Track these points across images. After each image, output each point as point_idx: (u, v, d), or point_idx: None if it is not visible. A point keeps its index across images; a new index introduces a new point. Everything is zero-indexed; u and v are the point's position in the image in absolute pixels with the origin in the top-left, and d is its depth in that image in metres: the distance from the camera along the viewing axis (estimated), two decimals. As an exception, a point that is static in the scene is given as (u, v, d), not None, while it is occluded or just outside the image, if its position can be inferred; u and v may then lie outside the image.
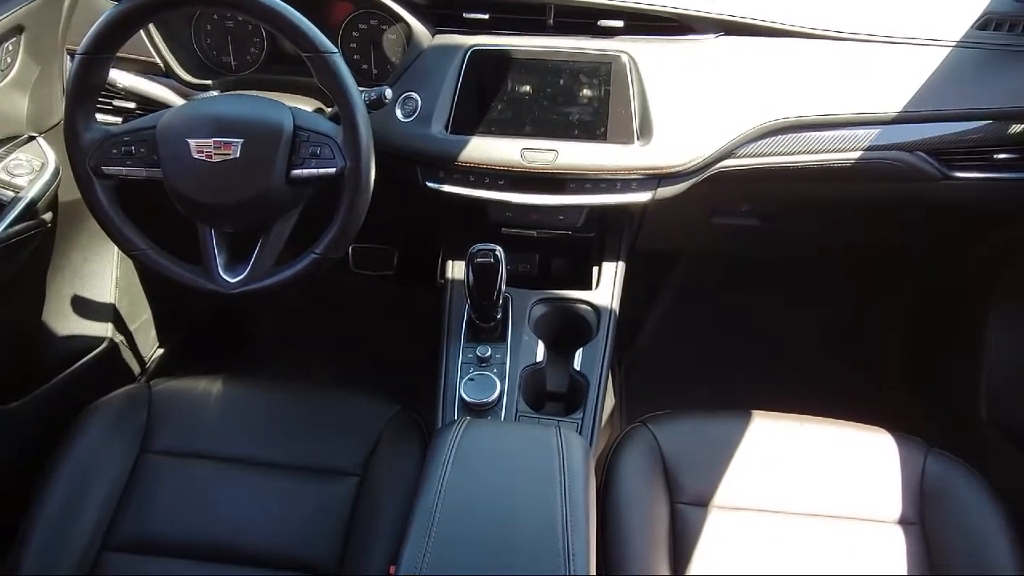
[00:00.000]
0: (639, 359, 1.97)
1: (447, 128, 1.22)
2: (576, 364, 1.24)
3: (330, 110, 1.21)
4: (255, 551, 1.09)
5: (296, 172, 1.03)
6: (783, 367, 1.88)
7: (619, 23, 1.23)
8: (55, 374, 1.39)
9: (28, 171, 1.19)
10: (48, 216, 1.23)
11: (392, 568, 0.78)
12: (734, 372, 1.88)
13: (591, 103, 1.21)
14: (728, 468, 1.14)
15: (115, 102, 1.30)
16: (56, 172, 1.22)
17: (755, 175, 1.26)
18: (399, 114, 1.23)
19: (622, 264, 1.37)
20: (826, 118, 1.21)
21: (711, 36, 1.24)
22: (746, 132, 1.20)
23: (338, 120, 1.03)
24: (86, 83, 1.01)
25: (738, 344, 2.00)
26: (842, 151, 1.23)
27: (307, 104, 1.22)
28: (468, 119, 1.22)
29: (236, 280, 1.08)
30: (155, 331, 1.73)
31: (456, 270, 1.36)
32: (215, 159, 1.01)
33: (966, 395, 1.57)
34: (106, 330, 1.53)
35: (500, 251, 1.10)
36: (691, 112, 1.20)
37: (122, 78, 1.13)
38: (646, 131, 1.20)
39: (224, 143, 1.01)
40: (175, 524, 1.11)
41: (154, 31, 1.28)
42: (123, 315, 1.58)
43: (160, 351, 1.76)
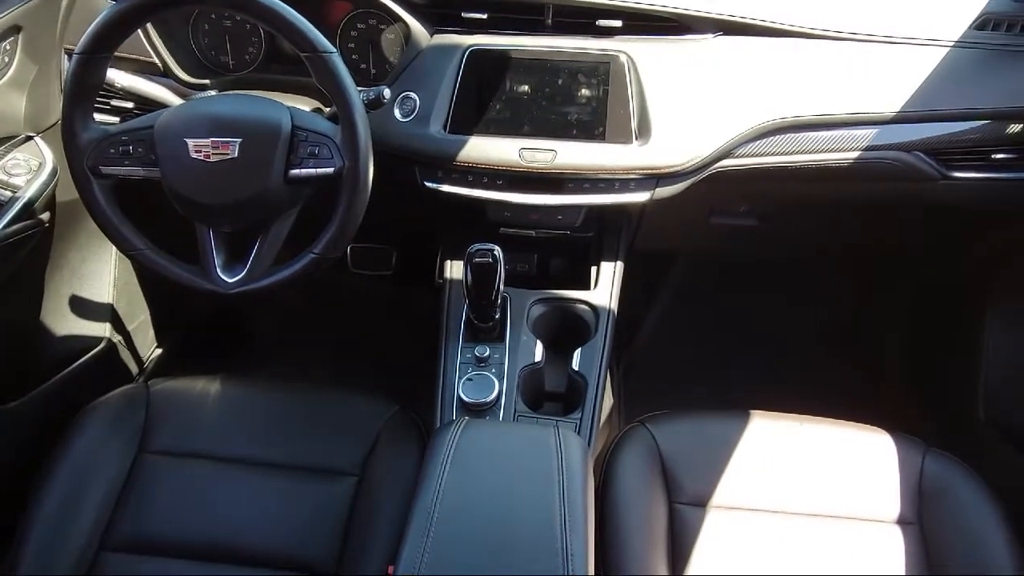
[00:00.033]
0: (637, 359, 1.97)
1: (445, 128, 1.22)
2: (574, 364, 1.24)
3: (328, 110, 1.21)
4: (253, 551, 1.09)
5: (294, 172, 1.03)
6: (781, 367, 1.88)
7: (617, 23, 1.23)
8: (53, 374, 1.39)
9: (26, 171, 1.19)
10: (46, 216, 1.23)
11: (390, 568, 0.78)
12: (732, 372, 1.88)
13: (589, 103, 1.21)
14: (726, 468, 1.14)
15: (113, 102, 1.30)
16: (54, 172, 1.22)
17: (753, 175, 1.26)
18: (397, 114, 1.23)
19: (620, 264, 1.37)
20: (824, 118, 1.21)
21: (709, 36, 1.24)
22: (744, 132, 1.20)
23: (336, 120, 1.03)
24: (84, 83, 1.01)
25: (736, 344, 2.00)
26: (840, 151, 1.23)
27: (305, 104, 1.22)
28: (466, 119, 1.22)
29: (234, 280, 1.07)
30: (153, 331, 1.73)
31: (454, 270, 1.36)
32: (213, 159, 1.01)
33: (964, 395, 1.57)
34: (104, 330, 1.53)
35: (498, 251, 1.10)
36: (689, 112, 1.20)
37: (120, 78, 1.13)
38: (644, 131, 1.20)
39: (222, 143, 1.01)
40: (173, 524, 1.11)
41: (152, 31, 1.27)
42: (121, 315, 1.58)
43: (158, 351, 1.75)
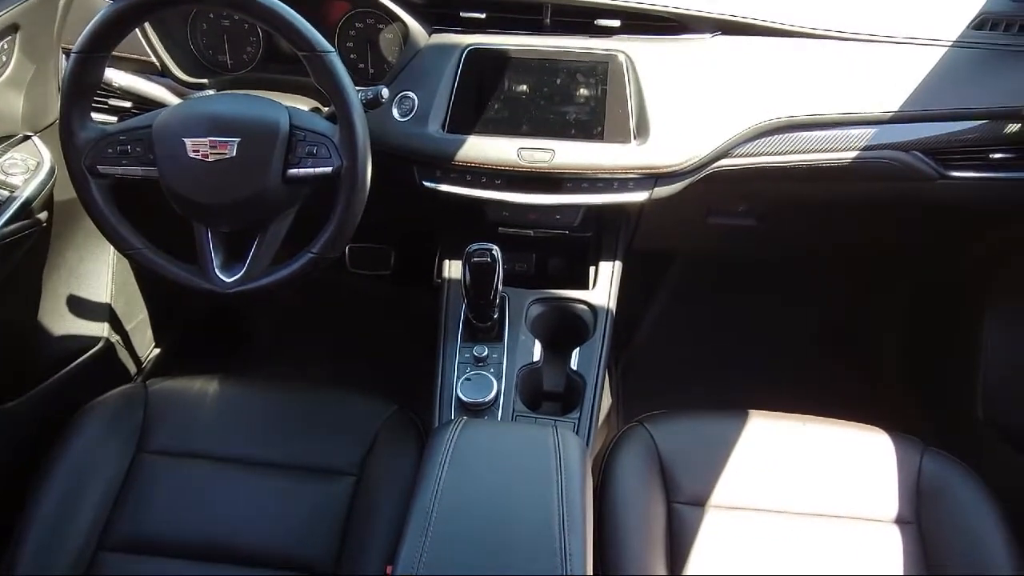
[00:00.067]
0: (636, 359, 1.97)
1: (444, 127, 1.22)
2: (573, 364, 1.24)
3: (327, 109, 1.21)
4: (251, 551, 1.09)
5: (292, 171, 1.03)
6: (779, 367, 1.88)
7: (616, 22, 1.23)
8: (51, 374, 1.39)
9: (23, 170, 1.19)
10: (44, 215, 1.23)
11: (389, 568, 0.78)
12: (730, 372, 1.88)
13: (588, 102, 1.21)
14: (724, 468, 1.14)
15: (111, 101, 1.30)
16: (51, 171, 1.22)
17: (751, 175, 1.26)
18: (396, 113, 1.23)
19: (619, 264, 1.37)
20: (822, 118, 1.21)
21: (708, 35, 1.24)
22: (743, 132, 1.20)
23: (335, 119, 1.03)
24: (82, 82, 1.01)
25: (734, 344, 2.01)
26: (839, 151, 1.23)
27: (304, 103, 1.22)
28: (465, 118, 1.22)
29: (232, 280, 1.07)
30: (151, 331, 1.73)
31: (453, 270, 1.36)
32: (211, 158, 1.01)
33: (962, 395, 1.58)
34: (102, 330, 1.53)
35: (497, 251, 1.10)
36: (688, 112, 1.20)
37: (118, 77, 1.13)
38: (643, 130, 1.20)
39: (220, 142, 1.01)
40: (171, 524, 1.11)
41: (150, 30, 1.27)
42: (119, 315, 1.57)
43: (156, 351, 1.75)
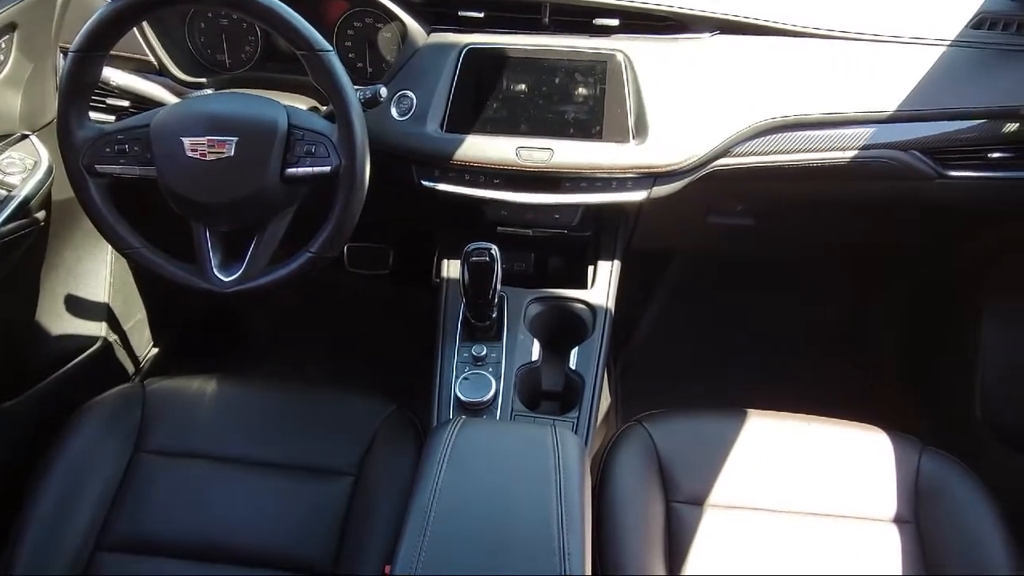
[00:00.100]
0: (634, 358, 1.97)
1: (442, 127, 1.22)
2: (572, 363, 1.24)
3: (325, 108, 1.20)
4: (250, 551, 1.09)
5: (291, 170, 1.03)
6: (778, 366, 1.88)
7: (615, 22, 1.23)
8: (49, 373, 1.38)
9: (21, 169, 1.18)
10: (41, 215, 1.23)
11: (387, 567, 0.78)
12: (729, 371, 1.88)
13: (586, 102, 1.21)
14: (723, 467, 1.14)
15: (109, 100, 1.30)
16: (49, 170, 1.21)
17: (750, 174, 1.26)
18: (394, 113, 1.23)
19: (617, 263, 1.37)
20: (821, 117, 1.21)
21: (706, 35, 1.24)
22: (741, 131, 1.20)
23: (333, 118, 1.03)
24: (79, 81, 1.01)
25: (733, 343, 2.01)
26: (837, 150, 1.23)
27: (302, 102, 1.22)
28: (463, 118, 1.22)
29: (231, 279, 1.07)
30: (149, 330, 1.73)
31: (452, 269, 1.36)
32: (209, 157, 1.01)
33: (960, 394, 1.58)
34: (100, 329, 1.53)
35: (496, 250, 1.10)
36: (686, 111, 1.20)
37: (116, 76, 1.13)
38: (641, 130, 1.19)
39: (218, 141, 1.00)
40: (169, 524, 1.11)
41: (148, 29, 1.27)
42: (117, 314, 1.57)
43: (154, 350, 1.75)
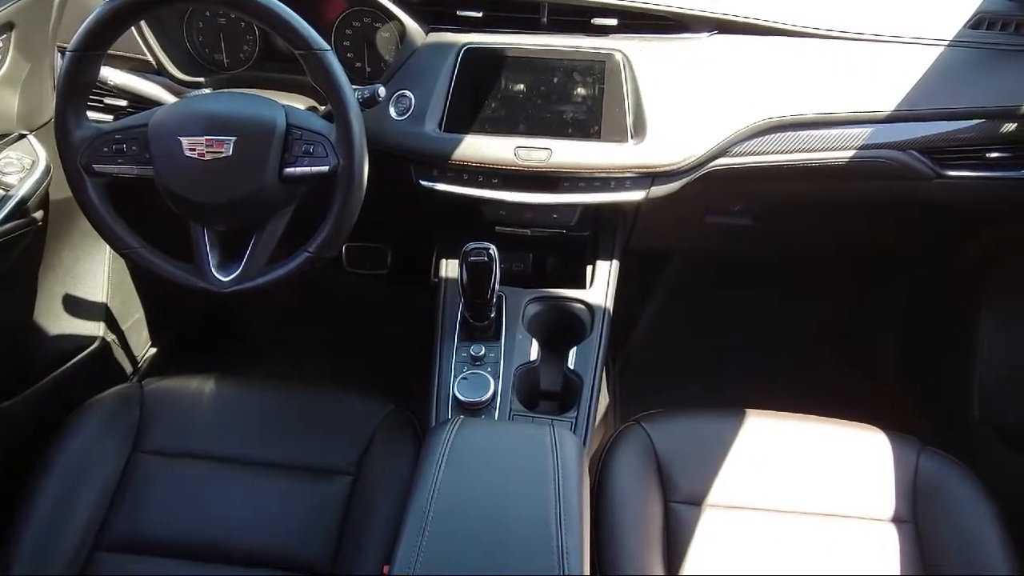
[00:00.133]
0: (633, 358, 1.97)
1: (441, 126, 1.21)
2: (570, 363, 1.24)
3: (323, 108, 1.20)
4: (248, 551, 1.09)
5: (289, 170, 1.03)
6: (777, 365, 1.88)
7: (613, 21, 1.23)
8: (47, 373, 1.38)
9: (19, 169, 1.18)
10: (39, 214, 1.22)
11: (386, 567, 0.78)
12: (727, 370, 1.89)
13: (585, 101, 1.21)
14: (722, 466, 1.14)
15: (106, 100, 1.29)
16: (47, 170, 1.21)
17: (748, 174, 1.26)
18: (393, 112, 1.23)
19: (616, 263, 1.37)
20: (819, 117, 1.21)
21: (705, 34, 1.24)
22: (740, 131, 1.20)
23: (331, 118, 1.03)
24: (77, 80, 1.01)
25: (732, 342, 2.01)
26: (835, 150, 1.23)
27: (300, 102, 1.22)
28: (462, 117, 1.22)
29: (229, 279, 1.07)
30: (147, 330, 1.72)
31: (450, 269, 1.36)
32: (207, 157, 1.01)
33: (959, 394, 1.58)
34: (98, 329, 1.53)
35: (494, 250, 1.10)
36: (685, 110, 1.20)
37: (113, 75, 1.13)
38: (640, 130, 1.19)
39: (216, 141, 1.00)
40: (167, 524, 1.11)
41: (146, 28, 1.27)
42: (115, 314, 1.57)
43: (152, 350, 1.75)
